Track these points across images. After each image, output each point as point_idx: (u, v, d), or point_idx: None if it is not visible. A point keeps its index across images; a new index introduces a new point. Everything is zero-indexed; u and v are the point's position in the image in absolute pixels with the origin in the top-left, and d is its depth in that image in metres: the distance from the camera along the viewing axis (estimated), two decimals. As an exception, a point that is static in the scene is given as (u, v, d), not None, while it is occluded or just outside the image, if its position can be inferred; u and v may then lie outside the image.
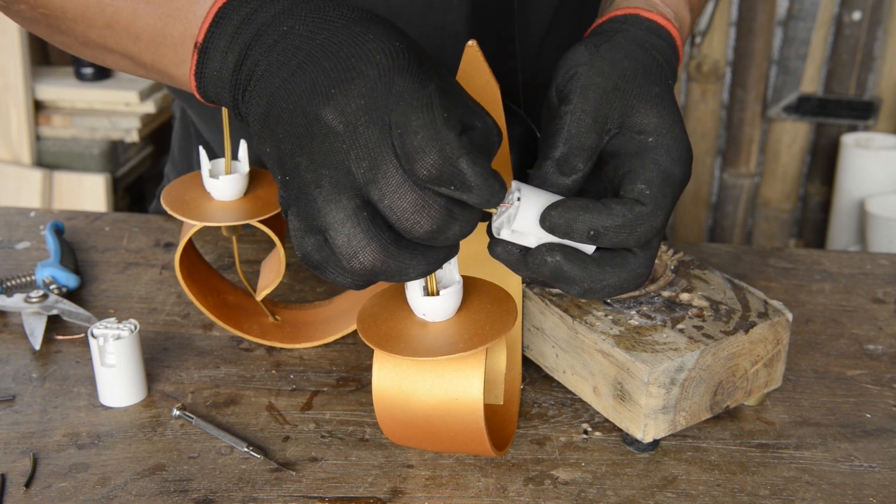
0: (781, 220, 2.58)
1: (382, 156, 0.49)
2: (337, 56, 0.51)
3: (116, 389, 0.69)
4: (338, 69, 0.50)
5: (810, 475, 0.64)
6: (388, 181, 0.49)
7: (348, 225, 0.50)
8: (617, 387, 0.64)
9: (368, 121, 0.49)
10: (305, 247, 0.52)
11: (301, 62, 0.52)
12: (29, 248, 0.91)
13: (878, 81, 2.40)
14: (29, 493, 0.61)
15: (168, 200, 0.71)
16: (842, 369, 0.75)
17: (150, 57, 0.61)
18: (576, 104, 0.58)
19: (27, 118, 2.23)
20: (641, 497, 0.62)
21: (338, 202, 0.50)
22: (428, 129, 0.48)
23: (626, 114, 0.58)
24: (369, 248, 0.50)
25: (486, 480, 0.63)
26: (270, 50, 0.53)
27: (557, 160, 0.58)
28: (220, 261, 0.89)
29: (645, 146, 0.58)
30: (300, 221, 0.52)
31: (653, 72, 0.60)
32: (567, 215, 0.55)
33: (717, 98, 2.47)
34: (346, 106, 0.50)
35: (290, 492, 0.62)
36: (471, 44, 0.59)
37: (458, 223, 0.51)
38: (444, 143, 0.48)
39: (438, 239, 0.51)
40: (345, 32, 0.52)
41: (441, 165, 0.48)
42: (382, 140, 0.49)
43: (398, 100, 0.49)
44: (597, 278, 0.56)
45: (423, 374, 0.58)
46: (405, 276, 0.52)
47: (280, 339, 0.77)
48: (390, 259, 0.51)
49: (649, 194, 0.56)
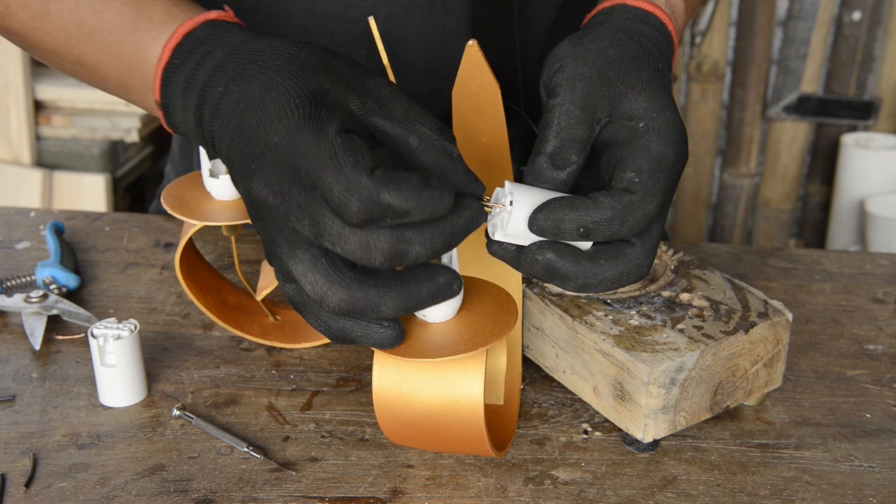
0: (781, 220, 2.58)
1: (317, 211, 0.51)
2: (252, 126, 0.53)
3: (116, 389, 0.69)
4: (253, 141, 0.53)
5: (810, 475, 0.64)
6: (329, 232, 0.51)
7: (309, 274, 0.53)
8: (617, 387, 0.64)
9: (291, 186, 0.51)
10: (287, 292, 0.56)
11: (234, 131, 0.55)
12: (29, 248, 0.91)
13: (878, 81, 2.40)
14: (29, 493, 0.61)
15: (168, 200, 0.71)
16: (842, 369, 0.75)
17: (122, 96, 0.66)
18: (563, 96, 0.58)
19: (27, 118, 2.23)
20: (641, 497, 0.62)
21: (296, 256, 0.53)
22: (340, 181, 0.49)
23: (614, 101, 0.58)
24: (333, 291, 0.52)
25: (486, 480, 0.63)
26: (216, 112, 0.56)
27: (550, 154, 0.58)
28: (220, 261, 0.89)
29: (636, 132, 0.57)
30: (277, 271, 0.55)
31: (640, 57, 0.60)
32: (553, 216, 0.54)
33: (717, 98, 2.47)
34: (268, 179, 0.52)
35: (290, 492, 0.62)
36: (471, 44, 0.58)
37: (415, 244, 0.51)
38: (360, 188, 0.49)
39: (404, 264, 0.52)
40: (256, 93, 0.54)
41: (368, 209, 0.49)
42: (311, 198, 0.51)
43: (304, 162, 0.51)
44: (591, 273, 0.56)
45: (424, 374, 0.58)
46: (378, 312, 0.53)
47: (280, 339, 0.77)
48: (357, 296, 0.52)
49: (639, 182, 0.55)
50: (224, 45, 0.58)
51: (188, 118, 0.58)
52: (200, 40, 0.59)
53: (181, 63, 0.58)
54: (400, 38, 0.81)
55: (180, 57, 0.59)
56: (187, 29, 0.59)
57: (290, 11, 0.81)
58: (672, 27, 0.64)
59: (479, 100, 0.60)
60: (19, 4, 0.64)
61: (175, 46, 0.59)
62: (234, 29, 0.59)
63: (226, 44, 0.58)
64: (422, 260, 0.52)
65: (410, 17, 0.80)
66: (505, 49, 0.85)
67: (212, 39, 0.58)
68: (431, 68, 0.83)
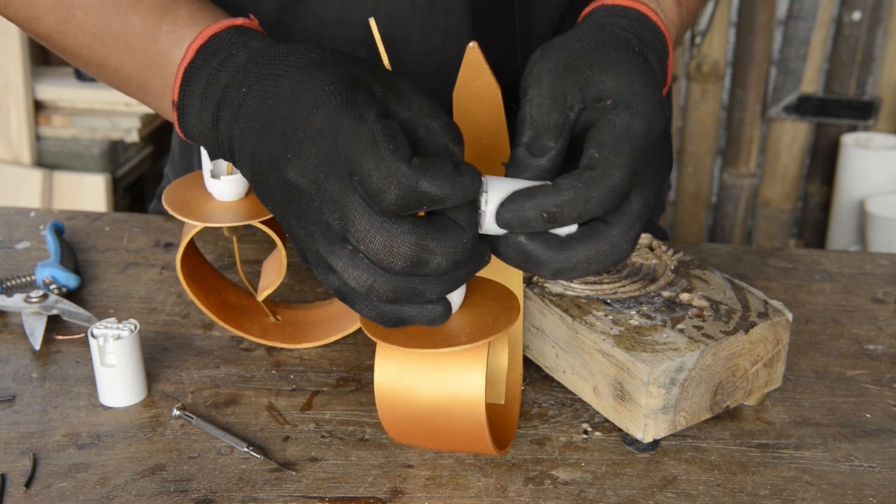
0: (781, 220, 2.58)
1: (349, 204, 0.51)
2: (285, 118, 0.53)
3: (116, 389, 0.69)
4: (288, 132, 0.53)
5: (810, 475, 0.64)
6: (357, 228, 0.51)
7: (350, 268, 0.53)
8: (617, 387, 0.64)
9: (328, 176, 0.51)
10: (332, 284, 0.55)
11: (262, 128, 0.54)
12: (29, 248, 0.91)
13: (878, 81, 2.40)
14: (29, 493, 0.61)
15: (169, 201, 0.71)
16: (842, 369, 0.75)
17: (142, 99, 0.66)
18: (532, 92, 0.58)
19: (27, 118, 2.23)
20: (641, 497, 0.62)
21: (334, 252, 0.53)
22: (380, 168, 0.50)
23: (584, 87, 0.57)
24: (379, 283, 0.53)
25: (486, 480, 0.63)
26: (237, 113, 0.56)
27: (527, 144, 0.57)
28: (221, 261, 0.89)
29: (604, 111, 0.56)
30: (315, 267, 0.55)
31: (608, 43, 0.59)
32: (513, 207, 0.54)
33: (717, 98, 2.47)
34: (304, 168, 0.52)
35: (290, 492, 0.62)
36: (472, 45, 0.58)
37: (436, 255, 0.52)
38: (399, 175, 0.50)
39: (424, 271, 0.52)
40: (287, 87, 0.54)
41: (406, 196, 0.50)
42: (345, 189, 0.51)
43: (345, 148, 0.51)
44: (565, 257, 0.55)
45: (425, 367, 0.58)
46: (423, 296, 0.54)
47: (281, 339, 0.77)
48: (403, 284, 0.53)
49: (598, 157, 0.54)
50: (248, 49, 0.58)
51: (203, 120, 0.58)
52: (225, 43, 0.59)
53: (204, 63, 0.59)
54: (401, 40, 0.81)
55: (203, 57, 0.59)
56: (213, 31, 0.60)
57: (291, 15, 0.81)
58: (656, 18, 0.64)
59: (479, 101, 0.60)
60: (46, 10, 0.65)
61: (199, 47, 0.59)
62: (258, 35, 0.60)
63: (250, 48, 0.58)
64: (441, 271, 0.53)
65: (412, 18, 0.80)
66: (506, 50, 0.85)
67: (236, 43, 0.59)
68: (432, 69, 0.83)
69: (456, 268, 0.53)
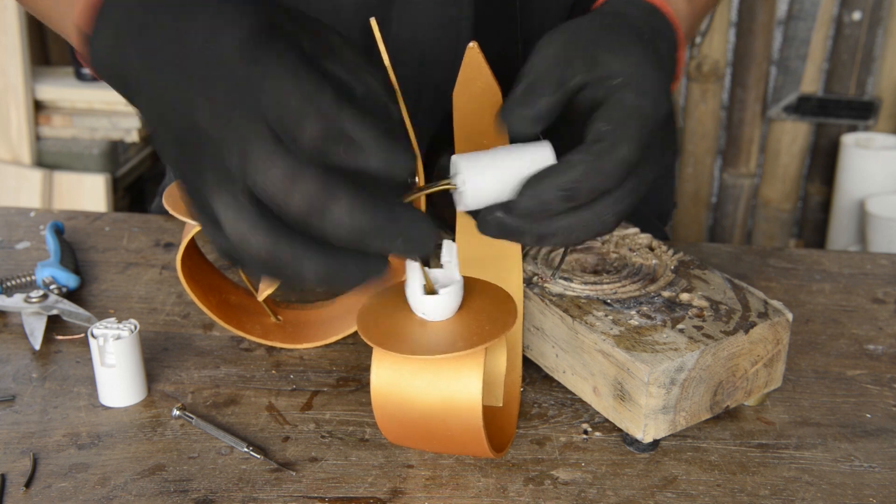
0: (781, 220, 2.58)
1: (253, 139, 0.45)
2: (198, 56, 0.48)
3: (116, 389, 0.69)
4: (201, 75, 0.48)
5: (810, 475, 0.64)
6: (256, 158, 0.45)
7: (230, 212, 0.46)
8: (617, 387, 0.64)
9: (241, 115, 0.46)
10: (215, 241, 0.49)
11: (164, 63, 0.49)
12: (29, 248, 0.91)
13: (878, 81, 2.40)
14: (29, 493, 0.61)
15: (170, 201, 0.71)
16: (842, 369, 0.75)
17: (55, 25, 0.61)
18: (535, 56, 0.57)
19: (27, 118, 2.23)
20: (641, 497, 0.62)
21: (220, 194, 0.47)
22: (300, 90, 0.44)
23: (589, 63, 0.56)
24: (255, 232, 0.46)
25: (486, 480, 0.63)
26: (145, 50, 0.50)
27: (521, 92, 0.56)
28: (221, 260, 0.89)
29: (611, 89, 0.56)
30: (204, 225, 0.49)
31: (616, 28, 0.59)
32: (530, 193, 0.53)
33: (717, 98, 2.47)
34: (215, 108, 0.47)
35: (290, 492, 0.62)
36: (472, 46, 0.59)
37: (340, 203, 0.45)
38: (322, 101, 0.44)
39: (322, 223, 0.46)
40: (204, 23, 0.48)
41: (324, 127, 0.44)
42: (254, 125, 0.46)
43: (262, 80, 0.46)
44: (546, 226, 0.54)
45: (422, 372, 0.58)
46: (299, 268, 0.47)
47: (282, 339, 0.77)
48: (281, 244, 0.46)
49: (607, 130, 0.53)
50: None
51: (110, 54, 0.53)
52: None
53: None
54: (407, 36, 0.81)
55: None
56: None
57: None
58: (667, 9, 0.64)
59: (480, 102, 0.60)
60: None
61: None
62: None
63: None
64: (340, 231, 0.46)
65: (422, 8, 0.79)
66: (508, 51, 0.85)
67: None
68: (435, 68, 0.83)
69: (357, 236, 0.46)
